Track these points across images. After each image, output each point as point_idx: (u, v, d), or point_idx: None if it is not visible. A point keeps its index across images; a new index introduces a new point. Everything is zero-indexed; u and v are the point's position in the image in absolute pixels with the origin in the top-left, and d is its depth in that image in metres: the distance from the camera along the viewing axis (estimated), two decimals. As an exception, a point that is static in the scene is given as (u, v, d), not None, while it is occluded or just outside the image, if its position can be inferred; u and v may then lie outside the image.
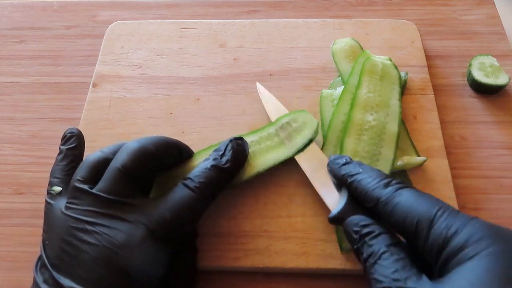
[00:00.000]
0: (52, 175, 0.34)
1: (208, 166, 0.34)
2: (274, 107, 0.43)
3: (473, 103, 0.46)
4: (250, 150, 0.38)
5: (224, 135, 0.41)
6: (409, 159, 0.39)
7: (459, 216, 0.27)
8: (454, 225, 0.26)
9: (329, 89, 0.45)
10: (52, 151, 0.45)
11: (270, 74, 0.47)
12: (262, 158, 0.39)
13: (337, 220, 0.33)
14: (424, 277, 0.26)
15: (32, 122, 0.47)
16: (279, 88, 0.46)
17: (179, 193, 0.32)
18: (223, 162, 0.34)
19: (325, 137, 0.41)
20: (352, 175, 0.33)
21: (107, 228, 0.29)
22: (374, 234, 0.29)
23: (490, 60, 0.47)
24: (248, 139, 0.39)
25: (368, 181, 0.32)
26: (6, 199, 0.43)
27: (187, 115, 0.45)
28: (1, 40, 0.54)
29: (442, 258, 0.26)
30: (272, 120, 0.41)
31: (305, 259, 0.36)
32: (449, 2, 0.55)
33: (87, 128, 0.44)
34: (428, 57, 0.49)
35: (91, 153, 0.34)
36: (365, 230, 0.30)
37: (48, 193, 0.33)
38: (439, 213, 0.27)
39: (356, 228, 0.30)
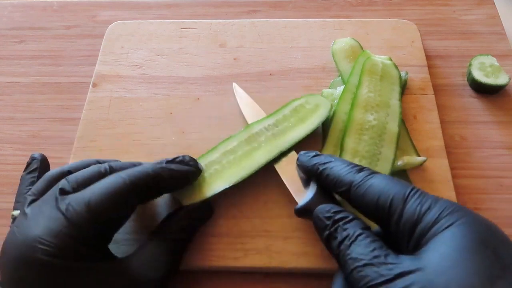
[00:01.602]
0: (15, 200, 0.34)
1: (150, 163, 0.34)
2: (250, 108, 0.43)
3: (473, 103, 0.46)
4: (269, 133, 0.40)
5: (224, 135, 0.41)
6: (409, 159, 0.39)
7: (429, 196, 0.28)
8: (427, 202, 0.27)
9: (329, 88, 0.45)
10: (52, 151, 0.45)
11: (270, 74, 0.47)
12: (282, 139, 0.40)
13: (305, 212, 0.33)
14: (401, 255, 0.26)
15: (32, 122, 0.47)
16: (279, 88, 0.46)
17: (106, 180, 0.31)
18: (163, 163, 0.34)
19: (325, 137, 0.41)
20: (324, 163, 0.34)
21: None
22: (347, 219, 0.30)
23: (490, 60, 0.47)
24: (265, 123, 0.40)
25: (340, 168, 0.32)
26: (6, 199, 0.43)
27: (187, 115, 0.45)
28: (1, 40, 0.54)
29: (416, 234, 0.26)
30: (249, 123, 0.42)
31: (305, 259, 0.36)
32: (449, 2, 0.55)
33: (87, 128, 0.44)
34: (428, 57, 0.49)
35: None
36: (338, 215, 0.30)
37: (11, 217, 0.33)
38: (412, 193, 0.28)
39: (328, 215, 0.31)
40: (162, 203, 0.39)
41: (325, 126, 0.42)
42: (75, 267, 0.28)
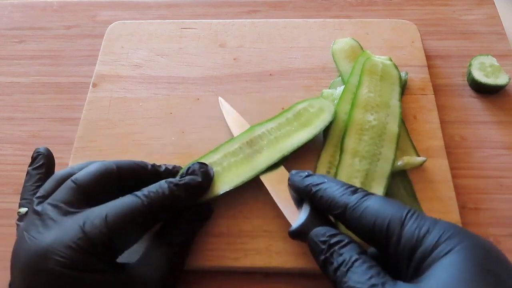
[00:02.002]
0: (21, 197, 0.34)
1: (163, 182, 0.34)
2: (236, 122, 0.42)
3: (473, 103, 0.46)
4: (271, 136, 0.39)
5: (224, 135, 0.41)
6: (409, 159, 0.39)
7: (427, 218, 0.27)
8: (425, 225, 0.27)
9: (329, 89, 0.45)
10: (52, 151, 0.44)
11: (270, 74, 0.47)
12: (285, 142, 0.39)
13: (299, 234, 0.32)
14: (400, 282, 0.25)
15: (32, 122, 0.47)
16: (279, 88, 0.46)
17: (124, 199, 0.32)
18: (179, 180, 0.34)
19: (325, 137, 0.41)
20: (317, 185, 0.33)
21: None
22: (343, 243, 0.29)
23: (490, 60, 0.47)
24: (267, 126, 0.40)
25: (335, 189, 0.31)
26: (6, 199, 0.43)
27: (187, 115, 0.45)
28: (1, 40, 0.54)
29: (416, 258, 0.26)
30: (235, 135, 0.41)
31: (305, 259, 0.36)
32: (449, 2, 0.55)
33: (87, 128, 0.44)
34: (428, 57, 0.49)
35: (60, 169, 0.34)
36: (334, 239, 0.29)
37: (18, 215, 0.33)
38: (409, 215, 0.28)
39: (323, 238, 0.30)
40: None
41: (326, 126, 0.42)
42: (85, 278, 0.28)
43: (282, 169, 0.38)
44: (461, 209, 0.39)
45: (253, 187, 0.39)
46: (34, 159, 0.36)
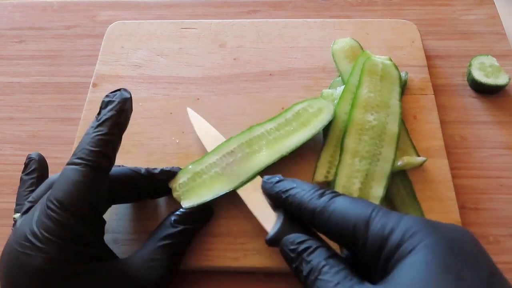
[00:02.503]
0: (16, 203, 0.34)
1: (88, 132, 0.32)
2: (207, 133, 0.41)
3: (473, 103, 0.46)
4: (270, 137, 0.39)
5: (224, 135, 0.41)
6: (409, 159, 0.39)
7: (392, 215, 0.27)
8: (389, 223, 0.26)
9: (329, 89, 0.45)
10: (52, 151, 0.45)
11: (270, 74, 0.47)
12: (284, 143, 0.39)
13: (275, 242, 0.32)
14: (367, 283, 0.25)
15: (32, 122, 0.47)
16: (279, 88, 0.46)
17: (65, 173, 0.31)
18: (100, 120, 0.32)
19: (325, 137, 0.41)
20: (287, 190, 0.32)
21: None
22: (311, 249, 0.29)
23: (490, 60, 0.47)
24: (266, 126, 0.40)
25: (303, 194, 0.31)
26: (6, 199, 0.43)
27: (187, 115, 0.45)
28: (1, 40, 0.54)
29: (383, 258, 0.26)
30: (208, 150, 0.40)
31: (305, 259, 0.36)
32: (449, 2, 0.55)
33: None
34: (428, 57, 0.49)
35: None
36: (302, 246, 0.29)
37: (13, 220, 0.33)
38: (373, 214, 0.27)
39: (292, 247, 0.30)
40: (162, 203, 0.39)
41: (325, 126, 0.42)
42: (71, 269, 0.28)
43: (258, 179, 0.37)
44: (461, 209, 0.39)
45: (253, 187, 0.39)
46: (26, 165, 0.36)
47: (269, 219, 0.34)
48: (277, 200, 0.34)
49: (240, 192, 0.37)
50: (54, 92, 0.50)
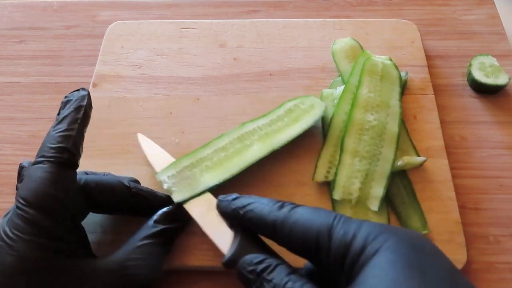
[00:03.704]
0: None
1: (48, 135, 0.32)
2: (158, 157, 0.40)
3: (473, 103, 0.46)
4: (262, 132, 0.40)
5: (224, 135, 0.41)
6: (409, 159, 0.39)
7: (353, 221, 0.27)
8: (351, 230, 0.26)
9: (329, 89, 0.45)
10: (52, 151, 0.45)
11: (270, 74, 0.47)
12: (276, 137, 0.39)
13: (232, 263, 0.31)
14: None
15: (32, 122, 0.47)
16: (279, 88, 0.46)
17: (29, 173, 0.31)
18: (59, 119, 0.33)
19: (325, 137, 0.41)
20: (244, 206, 0.32)
21: None
22: (271, 267, 0.28)
23: (490, 60, 0.47)
24: (259, 122, 0.40)
25: (262, 208, 0.31)
26: (6, 199, 0.43)
27: (187, 115, 0.45)
28: (1, 40, 0.54)
29: (347, 265, 0.25)
30: (158, 171, 0.38)
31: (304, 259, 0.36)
32: (449, 2, 0.55)
33: (87, 128, 0.44)
34: (428, 57, 0.49)
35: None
36: (261, 266, 0.28)
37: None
38: (335, 222, 0.27)
39: (250, 268, 0.29)
40: None
41: (325, 126, 0.42)
42: (43, 266, 0.28)
43: (208, 195, 0.36)
44: (461, 209, 0.39)
45: (251, 187, 0.39)
46: (19, 175, 0.35)
47: (225, 240, 0.33)
48: (234, 218, 0.33)
49: (193, 213, 0.35)
50: (54, 92, 0.50)
